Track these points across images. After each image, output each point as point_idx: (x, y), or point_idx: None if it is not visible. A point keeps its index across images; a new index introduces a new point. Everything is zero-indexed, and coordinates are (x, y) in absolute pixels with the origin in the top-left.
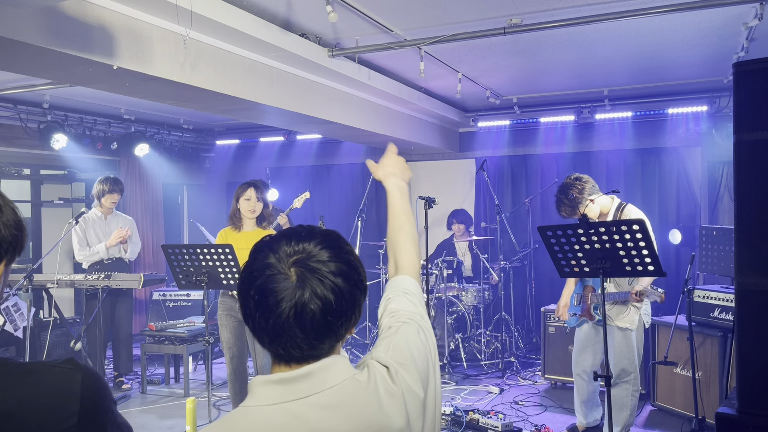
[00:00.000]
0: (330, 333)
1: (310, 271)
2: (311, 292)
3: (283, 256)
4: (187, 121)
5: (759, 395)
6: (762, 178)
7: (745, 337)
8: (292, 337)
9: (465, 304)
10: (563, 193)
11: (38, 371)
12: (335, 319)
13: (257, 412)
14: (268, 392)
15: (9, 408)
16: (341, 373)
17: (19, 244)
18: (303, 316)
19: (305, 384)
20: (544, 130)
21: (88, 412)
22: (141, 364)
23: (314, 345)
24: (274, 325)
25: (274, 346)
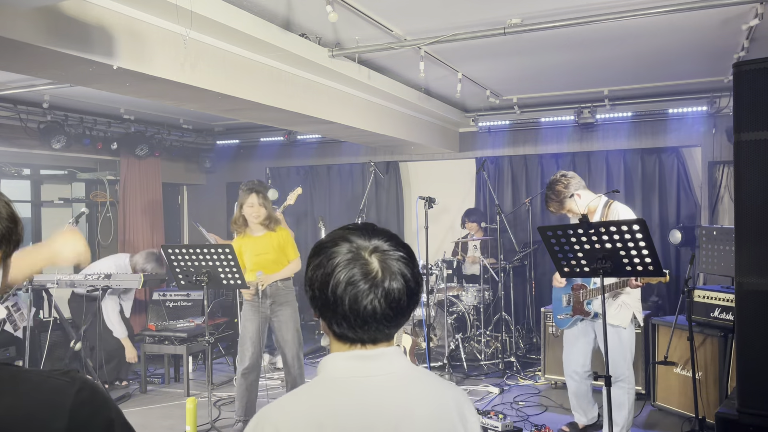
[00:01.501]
0: (408, 312)
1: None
2: (397, 276)
3: (361, 247)
4: (187, 121)
5: (759, 395)
6: (762, 178)
7: (745, 337)
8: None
9: (465, 304)
10: (550, 188)
11: (31, 380)
12: (414, 298)
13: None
14: (347, 367)
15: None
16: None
17: (13, 236)
18: (392, 298)
19: (378, 363)
20: (544, 130)
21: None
22: (141, 364)
23: (398, 322)
24: (365, 310)
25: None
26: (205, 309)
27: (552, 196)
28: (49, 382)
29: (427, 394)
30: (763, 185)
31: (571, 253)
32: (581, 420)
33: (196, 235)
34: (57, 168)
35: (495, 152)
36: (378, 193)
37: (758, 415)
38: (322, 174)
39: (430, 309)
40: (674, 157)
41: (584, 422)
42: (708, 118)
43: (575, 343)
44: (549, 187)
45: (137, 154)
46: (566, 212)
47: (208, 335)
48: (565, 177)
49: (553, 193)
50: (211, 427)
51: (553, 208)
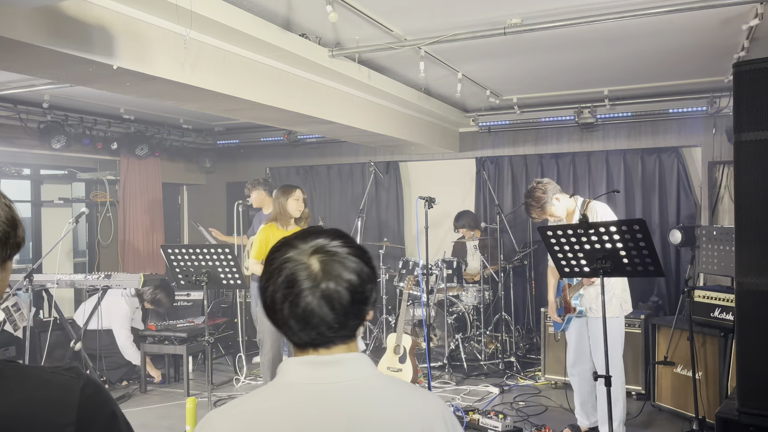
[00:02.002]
0: (357, 311)
1: (330, 256)
2: (336, 275)
3: (302, 250)
4: (187, 121)
5: (759, 395)
6: (762, 178)
7: (745, 337)
8: (323, 320)
9: (465, 304)
10: (529, 196)
11: (38, 377)
12: (360, 297)
13: (287, 390)
14: (298, 372)
15: (6, 412)
16: (366, 368)
17: (11, 239)
18: (332, 298)
19: (335, 369)
20: (544, 130)
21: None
22: (141, 363)
23: (344, 323)
24: (304, 311)
25: (307, 332)
26: (205, 309)
27: (533, 203)
28: (55, 378)
29: (387, 406)
30: (763, 185)
31: (571, 253)
32: (584, 423)
33: (196, 235)
34: (57, 168)
35: (495, 152)
36: (378, 193)
37: (758, 415)
38: (322, 174)
39: (430, 309)
40: (674, 157)
41: (587, 425)
42: (708, 118)
43: (571, 343)
44: (528, 195)
45: (137, 154)
46: (548, 217)
47: (208, 335)
48: (542, 183)
49: (534, 200)
50: None
51: (535, 215)
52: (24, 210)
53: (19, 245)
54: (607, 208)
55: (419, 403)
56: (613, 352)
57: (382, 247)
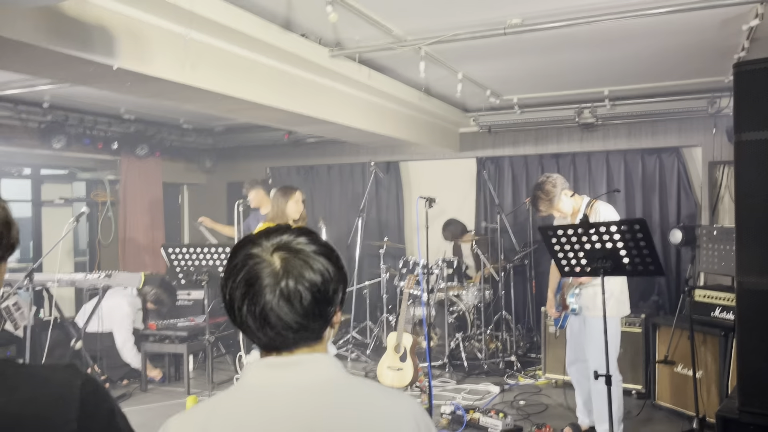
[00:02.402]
0: (319, 312)
1: (294, 253)
2: (298, 273)
3: (264, 247)
4: (187, 121)
5: (759, 395)
6: (762, 178)
7: (745, 337)
8: (281, 319)
9: (465, 304)
10: (539, 188)
11: (39, 375)
12: (323, 297)
13: (243, 393)
14: (256, 374)
15: (11, 411)
16: (329, 369)
17: (3, 240)
18: (291, 297)
19: (293, 372)
20: (544, 130)
21: (88, 419)
22: (141, 363)
23: (305, 324)
24: (263, 310)
25: (265, 331)
26: (205, 308)
27: (542, 195)
28: (56, 375)
29: (350, 409)
30: (763, 185)
31: (571, 253)
32: (584, 421)
33: (197, 235)
34: (57, 168)
35: (495, 152)
36: (378, 193)
37: (758, 415)
38: (322, 174)
39: (431, 308)
40: (674, 157)
41: (587, 423)
42: (708, 118)
43: (570, 340)
44: (538, 188)
45: (137, 153)
46: (554, 212)
47: (208, 334)
48: (552, 177)
49: (543, 193)
50: None
51: (543, 208)
52: (24, 210)
53: (14, 246)
54: (611, 208)
55: (387, 404)
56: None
57: (382, 246)
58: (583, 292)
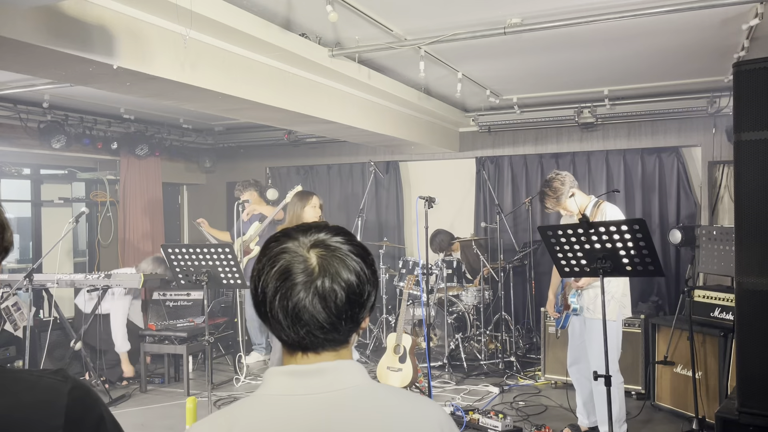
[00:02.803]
0: (352, 314)
1: (331, 252)
2: (334, 272)
3: (301, 242)
4: (187, 120)
5: (759, 395)
6: (762, 178)
7: (744, 337)
8: (314, 317)
9: (465, 304)
10: (547, 185)
11: (26, 380)
12: (358, 299)
13: (267, 401)
14: (280, 383)
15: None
16: (354, 377)
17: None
18: (326, 297)
19: (316, 380)
20: (544, 130)
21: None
22: (141, 363)
23: (336, 325)
24: (295, 307)
25: (295, 330)
26: (205, 309)
27: (549, 193)
28: (42, 381)
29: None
30: (763, 185)
31: (571, 253)
32: (584, 423)
33: (197, 235)
34: (57, 168)
35: (495, 152)
36: (378, 193)
37: (758, 415)
38: (322, 174)
39: (430, 309)
40: (674, 157)
41: (587, 425)
42: (708, 118)
43: (571, 341)
44: (546, 185)
45: (137, 153)
46: (561, 210)
47: (208, 335)
48: (560, 174)
49: (551, 190)
50: None
51: (549, 205)
52: (24, 210)
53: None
54: (618, 210)
55: (414, 413)
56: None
57: (382, 246)
58: (584, 293)
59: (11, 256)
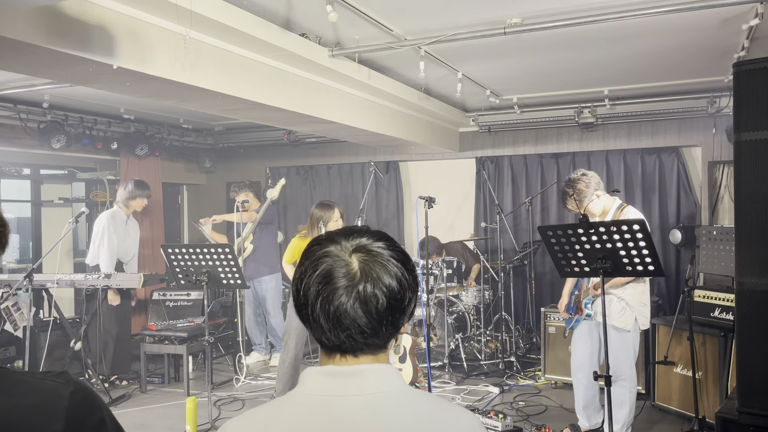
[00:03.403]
0: (393, 319)
1: (373, 256)
2: (376, 277)
3: (343, 246)
4: (187, 121)
5: (759, 395)
6: (762, 178)
7: (744, 337)
8: (355, 322)
9: (465, 304)
10: (570, 186)
11: (27, 382)
12: (398, 304)
13: (305, 401)
14: (318, 383)
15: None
16: (392, 381)
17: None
18: (368, 302)
19: (354, 382)
20: (544, 130)
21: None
22: (141, 364)
23: (377, 330)
24: (337, 311)
25: (336, 333)
26: (205, 309)
27: (572, 193)
28: (44, 384)
29: (412, 423)
30: (763, 185)
31: (571, 253)
32: (584, 424)
33: (197, 235)
34: (57, 168)
35: (495, 152)
36: (378, 193)
37: (758, 415)
38: (322, 174)
39: (430, 309)
40: (674, 157)
41: (587, 426)
42: (708, 118)
43: (579, 344)
44: (570, 185)
45: (137, 153)
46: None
47: (208, 335)
48: (586, 176)
49: (576, 192)
50: (211, 427)
51: (571, 206)
52: (24, 210)
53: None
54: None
55: (447, 418)
56: (623, 362)
57: None
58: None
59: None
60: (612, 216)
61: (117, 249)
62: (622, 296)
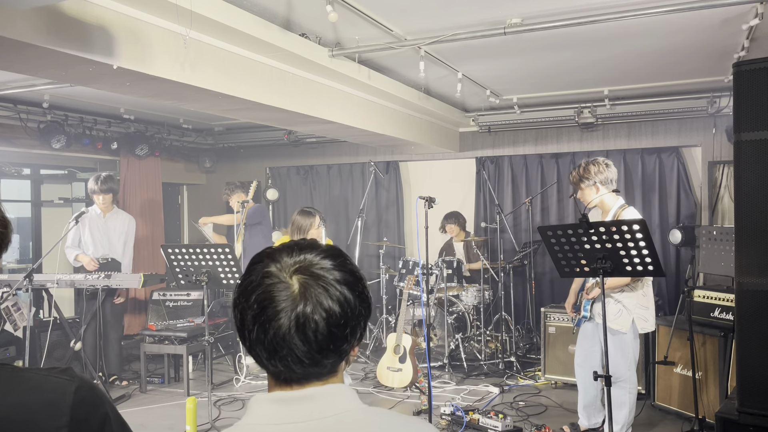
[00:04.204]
0: (334, 347)
1: (314, 278)
2: (315, 300)
3: (284, 265)
4: (187, 121)
5: (759, 395)
6: (762, 178)
7: (745, 337)
8: (292, 351)
9: (465, 304)
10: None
11: (33, 379)
12: (340, 332)
13: (252, 430)
14: (265, 411)
15: (1, 413)
16: (345, 402)
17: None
18: (306, 327)
19: (304, 407)
20: (544, 130)
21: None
22: (141, 363)
23: (317, 360)
24: (274, 337)
25: (273, 362)
26: (205, 309)
27: (580, 171)
28: (49, 380)
29: None
30: (763, 185)
31: (571, 253)
32: (584, 423)
33: (197, 235)
34: (57, 168)
35: (495, 152)
36: (378, 193)
37: (758, 415)
38: (322, 174)
39: (430, 309)
40: (674, 157)
41: (586, 425)
42: (708, 118)
43: (583, 342)
44: (586, 163)
45: (137, 153)
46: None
47: (208, 335)
48: (602, 166)
49: (583, 171)
50: (211, 427)
51: (572, 179)
52: (24, 210)
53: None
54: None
55: None
56: (620, 364)
57: (381, 246)
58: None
59: (11, 256)
60: (613, 214)
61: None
62: (619, 299)
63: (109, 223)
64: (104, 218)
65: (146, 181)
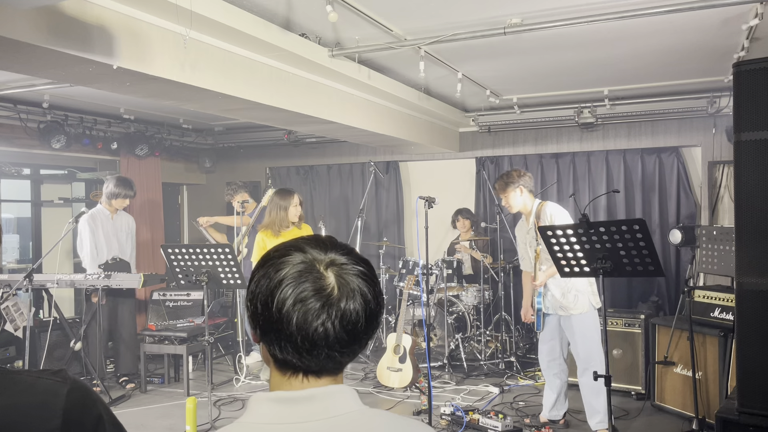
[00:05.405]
0: (365, 338)
1: (347, 274)
2: (357, 293)
3: (316, 259)
4: (187, 121)
5: (759, 395)
6: (762, 178)
7: (745, 337)
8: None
9: (465, 304)
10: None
11: (24, 381)
12: (373, 321)
13: (252, 429)
14: (266, 410)
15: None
16: (346, 404)
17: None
18: (347, 319)
19: (306, 408)
20: (544, 130)
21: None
22: (141, 364)
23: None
24: (316, 332)
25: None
26: (205, 309)
27: (504, 176)
28: (40, 382)
29: None
30: (763, 185)
31: (571, 253)
32: (545, 414)
33: (196, 235)
34: (57, 168)
35: (495, 152)
36: (378, 193)
37: (758, 415)
38: (322, 174)
39: (430, 309)
40: (674, 157)
41: (546, 417)
42: (708, 118)
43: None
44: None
45: (137, 153)
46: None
47: (208, 335)
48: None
49: (506, 176)
50: (211, 427)
51: (498, 186)
52: (24, 210)
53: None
54: (560, 209)
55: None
56: (592, 342)
57: (381, 246)
58: (549, 294)
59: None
60: (534, 212)
61: (104, 247)
62: (569, 286)
63: (116, 224)
64: (112, 219)
65: (146, 181)
